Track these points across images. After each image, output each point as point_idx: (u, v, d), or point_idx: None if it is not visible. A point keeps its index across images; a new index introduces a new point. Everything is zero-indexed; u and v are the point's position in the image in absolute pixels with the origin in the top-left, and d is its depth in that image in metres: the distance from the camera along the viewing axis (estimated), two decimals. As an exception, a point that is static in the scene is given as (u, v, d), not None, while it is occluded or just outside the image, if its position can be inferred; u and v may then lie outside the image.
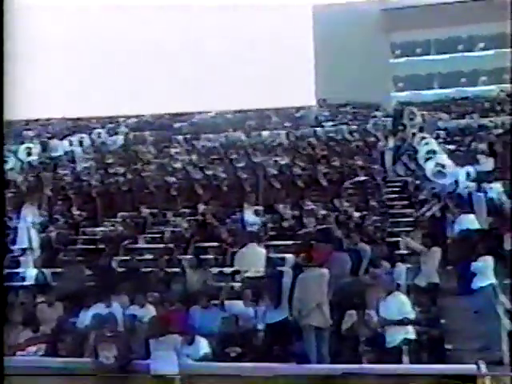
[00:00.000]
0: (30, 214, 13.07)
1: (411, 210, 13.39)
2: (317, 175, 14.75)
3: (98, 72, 35.48)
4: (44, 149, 20.47)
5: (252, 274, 10.49)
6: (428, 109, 23.68)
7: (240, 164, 16.67)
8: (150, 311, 9.33)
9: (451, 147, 16.79)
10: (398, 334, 8.44)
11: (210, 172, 15.85)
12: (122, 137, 23.00)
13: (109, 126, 24.85)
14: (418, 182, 14.38)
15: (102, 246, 12.87)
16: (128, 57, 36.33)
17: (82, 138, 21.67)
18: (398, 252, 11.04)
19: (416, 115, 19.85)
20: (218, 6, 34.54)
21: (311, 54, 33.95)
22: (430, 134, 17.84)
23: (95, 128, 24.16)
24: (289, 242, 11.62)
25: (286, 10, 35.35)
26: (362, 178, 14.56)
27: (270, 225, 12.84)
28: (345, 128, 21.56)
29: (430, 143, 16.45)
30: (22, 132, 23.81)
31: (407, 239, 10.87)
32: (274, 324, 8.79)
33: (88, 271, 11.33)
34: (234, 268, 10.98)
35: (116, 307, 9.53)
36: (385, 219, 12.64)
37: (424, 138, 16.98)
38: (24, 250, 12.61)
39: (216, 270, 11.02)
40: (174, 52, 35.93)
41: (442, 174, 13.66)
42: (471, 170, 13.68)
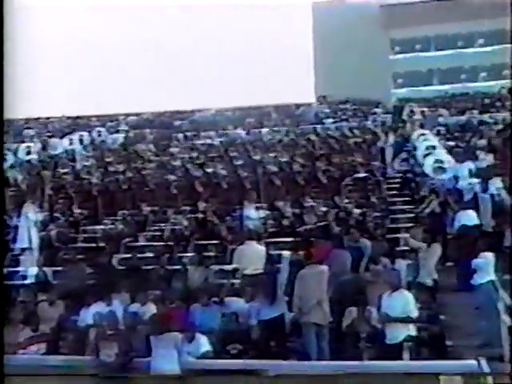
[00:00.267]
0: (31, 212, 13.09)
1: (411, 207, 13.40)
2: (317, 172, 14.75)
3: (97, 71, 35.47)
4: (44, 147, 20.49)
5: (250, 271, 10.48)
6: (428, 105, 23.63)
7: (240, 161, 16.67)
8: (151, 309, 9.33)
9: (451, 143, 16.76)
10: (400, 331, 8.41)
11: (210, 170, 15.86)
12: (122, 135, 23.01)
13: (109, 124, 24.85)
14: (418, 179, 14.38)
15: (103, 244, 12.90)
16: (128, 56, 36.30)
17: (82, 137, 21.69)
18: (399, 248, 11.04)
19: (415, 112, 19.85)
20: (218, 5, 34.53)
21: (311, 51, 33.90)
22: (430, 131, 17.84)
23: (95, 126, 24.17)
24: (289, 239, 11.64)
25: (285, 7, 35.33)
26: (362, 174, 14.56)
27: (271, 222, 12.84)
28: (345, 125, 21.55)
29: (429, 139, 16.45)
30: (22, 131, 23.84)
31: (407, 237, 10.87)
32: (269, 320, 8.78)
33: (88, 269, 11.33)
34: (234, 265, 10.98)
35: (117, 305, 9.53)
36: (385, 216, 12.64)
37: (423, 134, 16.98)
38: (24, 248, 12.64)
39: (217, 267, 11.03)
40: (174, 51, 35.90)
41: (441, 170, 13.64)
42: (472, 166, 13.66)
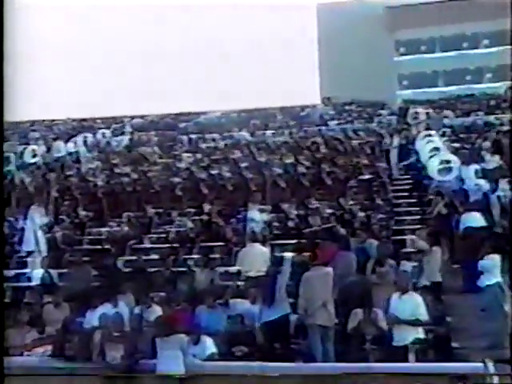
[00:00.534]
0: (37, 215, 13.12)
1: (417, 208, 13.36)
2: (322, 174, 14.73)
3: (99, 73, 35.54)
4: (49, 150, 20.53)
5: (254, 273, 10.46)
6: (433, 107, 23.59)
7: (245, 163, 16.66)
8: (156, 311, 9.33)
9: (457, 145, 16.72)
10: (408, 333, 8.41)
11: (215, 172, 15.86)
12: (127, 137, 23.03)
13: (114, 126, 24.88)
14: (423, 180, 14.35)
15: (108, 246, 12.91)
16: (131, 57, 36.41)
17: (86, 139, 21.72)
18: (404, 250, 11.02)
19: (420, 113, 19.80)
20: (222, 6, 34.60)
21: (316, 53, 33.93)
22: (435, 132, 17.79)
23: (100, 128, 24.21)
24: (294, 241, 11.61)
25: (290, 8, 35.37)
26: (367, 176, 14.54)
27: (276, 224, 12.83)
28: (349, 126, 21.53)
29: (434, 141, 16.40)
30: (27, 133, 23.90)
31: (414, 238, 10.84)
32: (274, 322, 8.77)
33: (94, 271, 11.35)
34: (238, 267, 10.97)
35: (122, 307, 9.53)
36: (390, 217, 12.62)
37: (428, 135, 16.93)
38: (30, 250, 12.65)
39: (222, 269, 11.03)
40: (177, 52, 35.97)
41: (446, 171, 13.61)
42: (478, 167, 13.63)
